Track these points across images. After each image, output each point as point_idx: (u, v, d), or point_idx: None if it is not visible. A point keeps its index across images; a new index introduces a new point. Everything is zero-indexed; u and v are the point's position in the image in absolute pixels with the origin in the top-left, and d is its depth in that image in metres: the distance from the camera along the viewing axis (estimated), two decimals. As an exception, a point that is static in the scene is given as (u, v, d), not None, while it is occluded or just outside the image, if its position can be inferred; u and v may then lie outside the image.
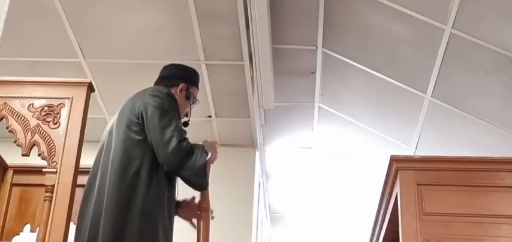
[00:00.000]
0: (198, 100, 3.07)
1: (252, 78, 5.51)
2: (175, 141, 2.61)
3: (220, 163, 2.96)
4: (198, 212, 2.84)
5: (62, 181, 2.86)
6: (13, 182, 3.80)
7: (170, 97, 2.81)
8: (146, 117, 2.70)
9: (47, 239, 2.76)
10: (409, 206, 3.28)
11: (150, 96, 2.77)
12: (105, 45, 5.21)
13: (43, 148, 2.93)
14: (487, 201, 3.28)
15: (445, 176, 3.37)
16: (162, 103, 2.74)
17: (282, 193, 8.05)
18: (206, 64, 5.37)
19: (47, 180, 2.88)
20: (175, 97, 2.86)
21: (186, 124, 2.91)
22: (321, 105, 6.45)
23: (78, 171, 2.94)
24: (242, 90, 5.63)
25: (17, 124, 2.99)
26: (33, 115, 3.01)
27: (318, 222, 8.62)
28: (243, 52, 5.18)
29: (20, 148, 2.96)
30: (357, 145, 6.77)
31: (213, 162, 2.89)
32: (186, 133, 2.71)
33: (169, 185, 2.72)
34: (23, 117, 3.00)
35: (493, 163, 3.45)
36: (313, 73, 6.00)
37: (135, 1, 4.80)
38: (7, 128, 3.01)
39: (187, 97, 2.97)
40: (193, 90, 3.03)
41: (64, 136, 2.95)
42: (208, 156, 2.83)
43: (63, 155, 2.92)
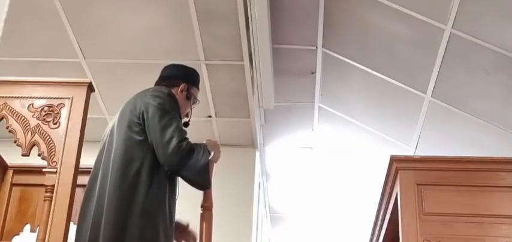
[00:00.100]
0: (198, 100, 3.08)
1: (252, 78, 5.51)
2: (175, 141, 2.61)
3: (220, 163, 2.96)
4: None
5: (62, 181, 2.86)
6: (13, 182, 3.81)
7: (171, 97, 2.82)
8: (147, 117, 2.70)
9: (47, 239, 2.76)
10: (409, 206, 3.28)
11: (151, 96, 2.78)
12: (105, 45, 5.21)
13: (43, 148, 2.93)
14: (487, 201, 3.28)
15: (445, 176, 3.37)
16: (163, 103, 2.74)
17: (282, 193, 8.05)
18: (206, 64, 5.36)
19: (47, 180, 2.88)
20: (176, 97, 2.87)
21: (186, 125, 2.92)
22: (321, 105, 6.45)
23: (78, 171, 2.94)
24: (242, 90, 5.62)
25: (17, 124, 2.99)
26: (33, 115, 3.01)
27: (318, 222, 8.61)
28: (243, 52, 5.17)
29: (20, 148, 2.96)
30: (357, 145, 6.77)
31: (216, 161, 2.90)
32: (186, 134, 2.71)
33: (170, 186, 2.72)
34: (23, 117, 3.00)
35: (493, 163, 3.44)
36: (313, 73, 6.00)
37: (135, 1, 4.80)
38: (7, 128, 3.01)
39: (187, 98, 2.98)
40: (194, 90, 3.04)
41: (64, 136, 2.95)
42: (211, 155, 2.84)
43: (63, 155, 2.92)
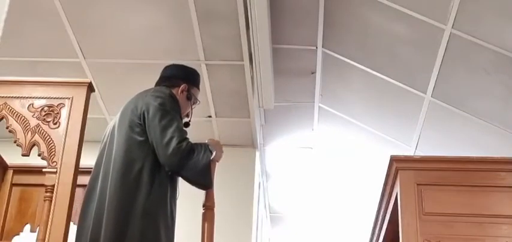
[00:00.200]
0: (199, 100, 3.08)
1: (252, 78, 5.51)
2: (175, 141, 2.61)
3: (220, 163, 2.96)
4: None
5: (62, 181, 2.86)
6: (13, 182, 3.81)
7: (172, 98, 2.82)
8: (148, 118, 2.70)
9: (47, 239, 2.76)
10: (409, 206, 3.28)
11: (152, 96, 2.78)
12: (105, 45, 5.21)
13: (43, 148, 2.93)
14: (487, 201, 3.28)
15: (445, 176, 3.36)
16: (164, 103, 2.74)
17: (282, 193, 8.05)
18: (206, 64, 5.36)
19: (47, 180, 2.88)
20: (177, 98, 2.87)
21: (187, 125, 2.92)
22: (321, 105, 6.45)
23: (78, 171, 2.94)
24: (242, 90, 5.62)
25: (17, 124, 2.99)
26: (33, 115, 3.01)
27: (318, 222, 8.61)
28: (243, 52, 5.17)
29: (20, 148, 2.96)
30: (357, 145, 6.77)
31: (218, 160, 2.90)
32: (186, 134, 2.71)
33: (172, 186, 2.72)
34: (23, 117, 3.00)
35: (493, 163, 3.44)
36: (313, 73, 6.00)
37: (135, 1, 4.80)
38: (7, 128, 3.01)
39: (188, 98, 2.98)
40: (194, 90, 3.04)
41: (64, 136, 2.95)
42: (213, 155, 2.84)
43: (63, 155, 2.91)
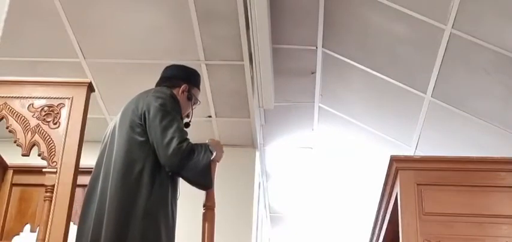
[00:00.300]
0: (199, 101, 3.08)
1: (252, 78, 5.51)
2: (175, 142, 2.61)
3: (221, 163, 2.96)
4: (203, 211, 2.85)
5: (62, 181, 2.86)
6: (13, 182, 3.81)
7: (173, 98, 2.82)
8: (148, 118, 2.71)
9: (47, 239, 2.76)
10: (409, 206, 3.28)
11: (153, 96, 2.78)
12: (105, 45, 5.21)
13: (43, 148, 2.93)
14: (487, 201, 3.28)
15: (445, 176, 3.36)
16: (165, 104, 2.74)
17: (282, 193, 8.05)
18: (206, 64, 5.36)
19: (47, 180, 2.88)
20: (177, 98, 2.87)
21: (187, 125, 2.92)
22: (321, 105, 6.45)
23: (78, 171, 2.94)
24: (242, 90, 5.62)
25: (17, 124, 2.99)
26: (33, 115, 3.01)
27: (318, 222, 8.61)
28: (243, 52, 5.17)
29: (20, 148, 2.96)
30: (357, 145, 6.77)
31: (218, 160, 2.90)
32: (187, 134, 2.71)
33: (172, 186, 2.72)
34: (23, 117, 3.00)
35: (493, 163, 3.44)
36: (313, 73, 6.00)
37: (135, 1, 4.80)
38: (7, 128, 3.01)
39: (189, 98, 2.99)
40: (195, 91, 3.04)
41: (64, 136, 2.95)
42: (213, 155, 2.84)
43: (63, 155, 2.91)
